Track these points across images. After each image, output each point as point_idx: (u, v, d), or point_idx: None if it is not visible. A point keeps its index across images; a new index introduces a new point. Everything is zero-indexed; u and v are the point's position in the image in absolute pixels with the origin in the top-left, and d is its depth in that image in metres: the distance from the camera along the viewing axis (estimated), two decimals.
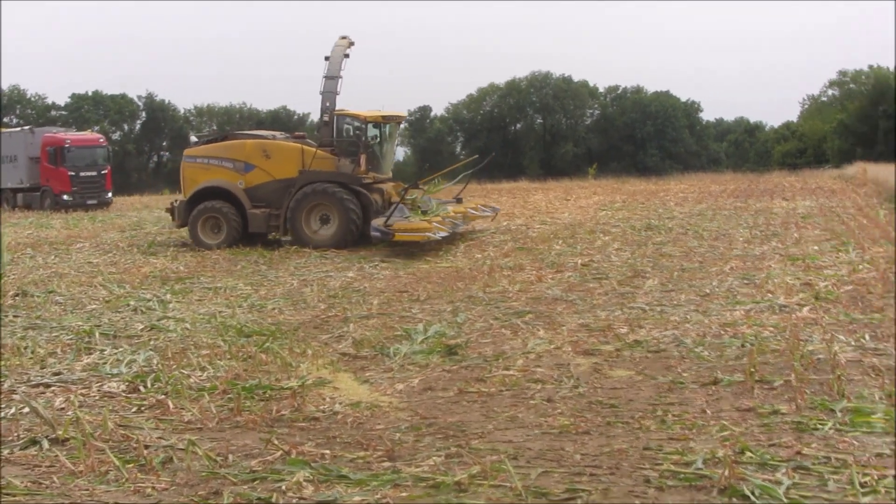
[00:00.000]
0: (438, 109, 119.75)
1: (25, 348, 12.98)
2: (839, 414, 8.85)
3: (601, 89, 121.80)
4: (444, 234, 24.26)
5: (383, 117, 27.48)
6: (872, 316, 13.95)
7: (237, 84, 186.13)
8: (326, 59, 28.36)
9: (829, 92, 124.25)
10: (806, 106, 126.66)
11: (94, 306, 16.58)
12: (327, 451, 8.20)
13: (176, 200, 27.82)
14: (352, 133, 26.90)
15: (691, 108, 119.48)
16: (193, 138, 29.16)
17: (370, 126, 27.04)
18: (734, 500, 6.81)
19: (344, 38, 29.33)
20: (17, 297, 17.45)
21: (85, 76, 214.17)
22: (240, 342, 13.23)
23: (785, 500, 6.72)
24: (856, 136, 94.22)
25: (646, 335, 13.10)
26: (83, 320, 15.14)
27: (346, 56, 28.80)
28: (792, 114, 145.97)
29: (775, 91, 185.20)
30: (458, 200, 29.20)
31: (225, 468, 7.83)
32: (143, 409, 9.89)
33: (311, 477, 7.48)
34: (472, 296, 17.07)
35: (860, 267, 19.00)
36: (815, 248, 22.42)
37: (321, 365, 11.67)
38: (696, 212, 34.15)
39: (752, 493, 6.83)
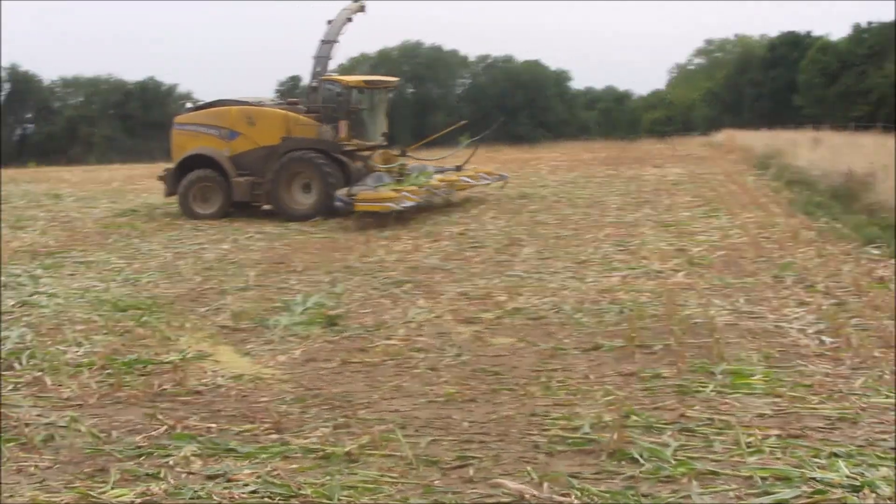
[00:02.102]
0: (310, 77, 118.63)
1: None
2: (719, 376, 9.05)
3: (472, 59, 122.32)
4: (410, 203, 23.24)
5: (366, 82, 26.80)
6: (745, 280, 14.28)
7: (105, 54, 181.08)
8: (329, 22, 27.92)
9: (696, 61, 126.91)
10: (674, 75, 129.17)
11: None
12: (213, 425, 8.10)
13: (166, 169, 27.05)
14: (334, 99, 26.02)
15: (561, 77, 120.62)
16: (188, 105, 28.15)
17: (354, 91, 26.07)
18: (623, 463, 6.89)
19: (357, 1, 28.80)
20: None
21: None
22: (116, 317, 12.93)
23: (672, 462, 6.83)
24: (723, 104, 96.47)
25: (525, 302, 13.20)
26: None
27: (349, 20, 28.35)
28: (660, 82, 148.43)
29: (643, 60, 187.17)
30: (458, 168, 28.31)
31: (109, 444, 7.67)
32: (19, 386, 9.59)
33: (199, 451, 7.40)
34: (349, 266, 17.01)
35: (731, 232, 19.48)
36: (687, 214, 22.90)
37: (201, 338, 11.51)
38: (568, 180, 34.63)
39: (641, 456, 6.94)
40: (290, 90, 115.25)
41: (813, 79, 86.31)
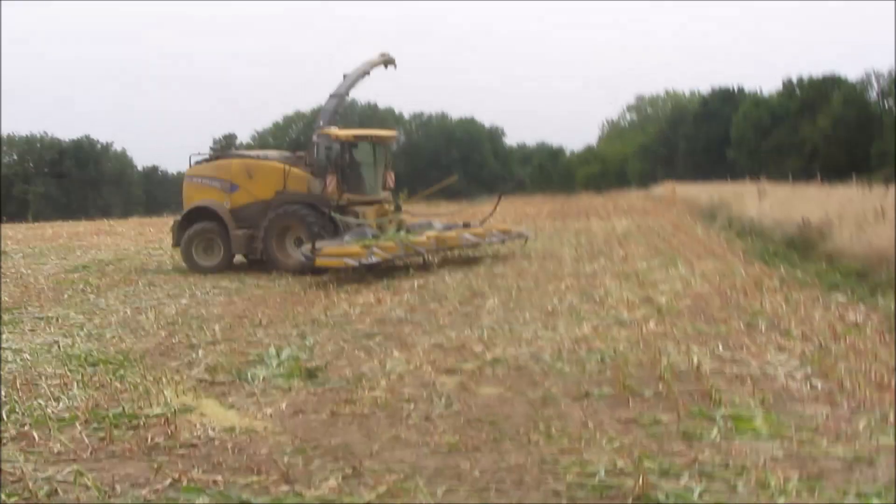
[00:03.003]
0: (244, 137, 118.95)
1: None
2: (721, 421, 9.00)
3: (406, 116, 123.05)
4: (376, 260, 22.53)
5: (355, 136, 26.41)
6: (719, 327, 14.36)
7: (41, 113, 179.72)
8: (344, 76, 27.74)
9: (628, 116, 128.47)
10: (605, 129, 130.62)
11: None
12: (218, 478, 7.88)
13: (175, 221, 26.96)
14: (325, 153, 25.83)
15: (495, 134, 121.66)
16: (198, 156, 27.77)
17: (345, 145, 25.84)
18: None
19: (384, 54, 28.50)
20: None
21: None
22: (88, 371, 12.65)
23: None
24: (656, 159, 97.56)
25: (502, 353, 13.10)
26: None
27: (367, 74, 28.10)
28: (591, 138, 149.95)
29: (573, 116, 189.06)
30: (466, 225, 27.62)
31: (115, 498, 7.44)
32: (5, 440, 9.31)
33: None
34: (314, 319, 16.85)
35: (692, 281, 19.60)
36: (644, 265, 23.03)
37: (181, 391, 11.26)
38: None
39: (667, 500, 6.87)
40: (225, 147, 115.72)
41: (746, 133, 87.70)
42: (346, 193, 25.27)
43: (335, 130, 26.23)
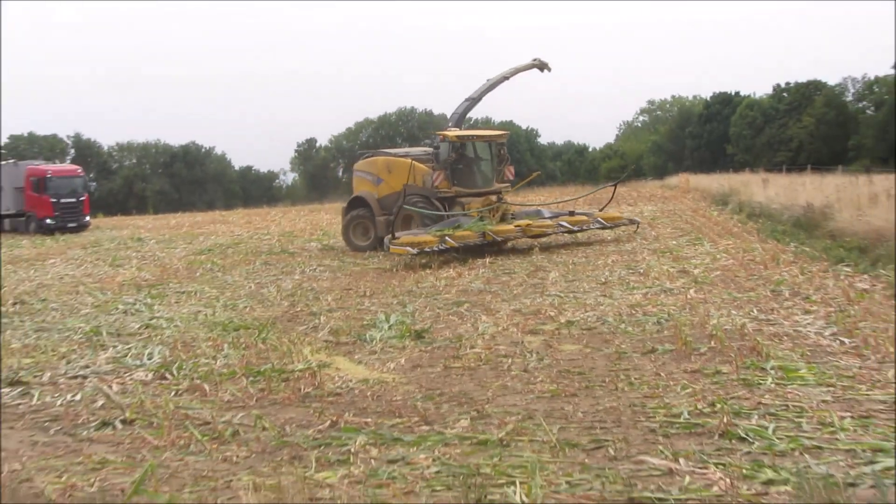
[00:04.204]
0: (323, 140, 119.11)
1: (43, 348, 12.46)
2: (772, 371, 9.04)
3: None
4: (445, 247, 21.78)
5: (458, 136, 25.03)
6: (749, 294, 14.30)
7: (154, 121, 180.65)
8: (488, 80, 27.17)
9: (641, 118, 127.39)
10: (622, 129, 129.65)
11: (87, 311, 15.95)
12: (368, 420, 8.02)
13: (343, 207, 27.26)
14: (436, 150, 25.52)
15: (531, 135, 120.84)
16: (364, 153, 27.61)
17: (455, 145, 24.80)
18: (733, 441, 6.88)
19: (537, 59, 27.63)
20: (15, 305, 16.76)
21: (19, 118, 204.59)
22: (232, 335, 12.87)
23: (776, 440, 6.82)
24: (667, 154, 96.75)
25: (573, 316, 13.15)
26: (83, 322, 14.56)
27: (505, 79, 27.31)
28: (610, 137, 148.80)
29: (596, 117, 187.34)
30: (571, 213, 25.71)
31: (288, 437, 7.61)
32: (180, 392, 9.53)
33: (370, 441, 7.33)
34: (409, 290, 16.97)
35: (718, 256, 19.49)
36: (674, 242, 22.90)
37: (314, 350, 11.45)
38: None
39: (748, 436, 6.94)
40: (305, 151, 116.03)
41: (742, 131, 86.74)
42: (455, 186, 24.61)
43: (447, 131, 25.84)
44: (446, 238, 21.89)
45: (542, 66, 27.92)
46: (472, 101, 27.18)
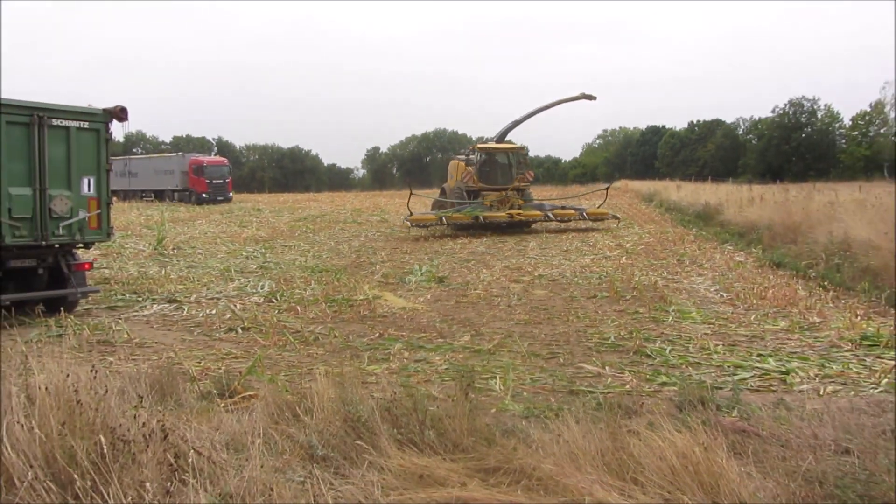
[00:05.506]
0: (384, 148, 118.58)
1: (191, 278, 12.65)
2: (672, 313, 9.05)
3: (473, 137, 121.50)
4: (440, 224, 20.87)
5: (480, 147, 23.40)
6: (662, 261, 14.26)
7: (271, 128, 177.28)
8: (536, 107, 24.92)
9: (597, 141, 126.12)
10: (584, 148, 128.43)
11: (221, 255, 16.13)
12: (403, 333, 8.14)
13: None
14: (468, 157, 23.72)
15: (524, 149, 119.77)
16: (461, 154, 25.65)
17: (480, 153, 23.06)
18: (642, 357, 6.93)
19: (585, 93, 24.46)
20: (174, 250, 16.94)
21: (181, 124, 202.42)
22: (317, 275, 12.99)
23: (671, 357, 6.86)
24: (614, 165, 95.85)
25: (543, 272, 13.18)
26: (219, 263, 14.76)
27: (546, 109, 24.64)
28: (576, 152, 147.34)
29: (564, 135, 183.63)
30: (563, 207, 23.43)
31: (351, 343, 7.73)
32: (280, 311, 9.67)
33: (404, 347, 7.44)
34: (436, 251, 17.00)
35: (643, 236, 19.41)
36: (615, 225, 22.69)
37: (370, 288, 11.53)
38: None
39: (652, 354, 6.99)
40: (372, 155, 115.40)
41: (665, 152, 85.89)
42: (480, 183, 22.48)
43: (479, 144, 24.33)
44: (443, 219, 21.12)
45: (589, 97, 24.61)
46: (516, 122, 24.79)
